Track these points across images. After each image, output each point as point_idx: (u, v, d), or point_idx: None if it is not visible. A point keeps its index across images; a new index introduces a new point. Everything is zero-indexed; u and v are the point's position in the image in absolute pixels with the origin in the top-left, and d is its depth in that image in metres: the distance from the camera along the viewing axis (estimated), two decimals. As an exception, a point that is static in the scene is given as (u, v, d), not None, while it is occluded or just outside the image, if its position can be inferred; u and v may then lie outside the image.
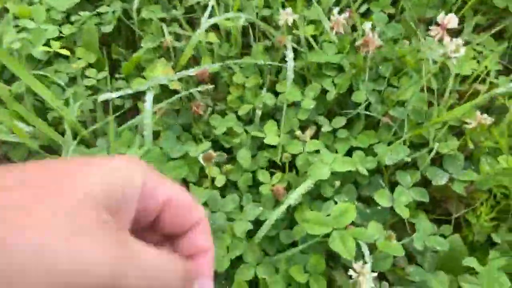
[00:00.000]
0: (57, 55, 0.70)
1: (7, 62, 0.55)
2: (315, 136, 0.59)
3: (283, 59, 0.60)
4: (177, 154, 0.56)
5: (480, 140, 0.52)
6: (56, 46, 0.68)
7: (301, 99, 0.58)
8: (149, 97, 0.56)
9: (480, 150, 0.55)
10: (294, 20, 0.58)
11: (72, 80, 0.69)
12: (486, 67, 0.64)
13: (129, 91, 0.56)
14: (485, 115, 0.50)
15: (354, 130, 0.59)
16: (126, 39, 0.77)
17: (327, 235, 0.45)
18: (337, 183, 0.51)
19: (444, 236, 0.48)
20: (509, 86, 0.56)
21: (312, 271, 0.46)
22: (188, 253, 0.27)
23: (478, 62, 0.62)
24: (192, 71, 0.56)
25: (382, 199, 0.49)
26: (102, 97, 0.56)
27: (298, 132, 0.57)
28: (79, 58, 0.70)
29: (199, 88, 0.57)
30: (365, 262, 0.42)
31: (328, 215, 0.47)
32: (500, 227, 0.51)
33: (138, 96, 0.66)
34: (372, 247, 0.47)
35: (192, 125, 0.62)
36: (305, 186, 0.50)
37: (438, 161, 0.55)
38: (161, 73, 0.60)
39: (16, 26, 0.71)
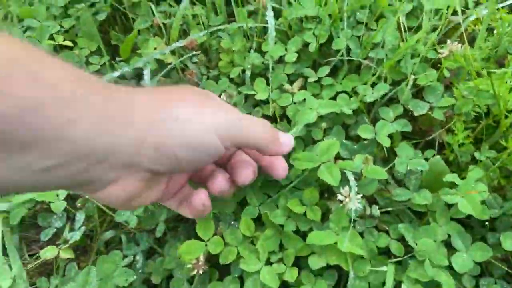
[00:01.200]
0: (62, 48, 0.76)
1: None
2: (304, 88, 0.63)
3: (267, 22, 0.64)
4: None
5: (455, 68, 0.55)
6: (60, 39, 0.74)
7: (284, 53, 0.62)
8: (146, 72, 0.62)
9: (458, 77, 0.58)
10: (271, -19, 0.62)
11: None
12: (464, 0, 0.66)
13: (127, 69, 0.62)
14: (456, 43, 0.53)
15: (339, 77, 0.62)
16: (122, 25, 0.83)
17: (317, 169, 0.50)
18: (324, 124, 0.55)
19: (427, 160, 0.52)
20: (481, 13, 0.58)
21: (307, 202, 0.51)
22: None
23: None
24: (181, 42, 0.61)
25: (365, 132, 0.54)
26: (106, 77, 0.62)
27: (286, 85, 0.62)
28: (81, 48, 0.76)
29: (190, 56, 0.62)
30: (350, 187, 0.47)
31: (317, 155, 0.52)
32: (483, 146, 0.55)
33: (141, 75, 0.72)
34: (361, 176, 0.51)
35: (191, 93, 0.67)
36: (296, 130, 0.55)
37: (421, 94, 0.59)
38: (154, 49, 0.65)
39: (22, 26, 0.78)
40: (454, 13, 0.59)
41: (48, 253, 0.55)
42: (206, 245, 0.50)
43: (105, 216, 0.63)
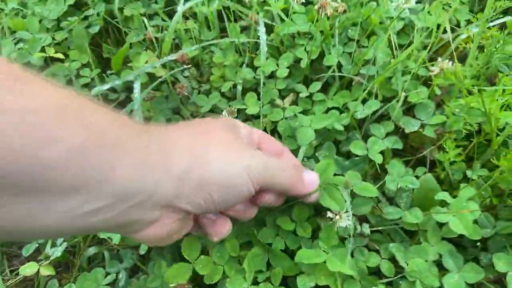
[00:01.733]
0: (53, 60, 0.76)
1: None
2: (295, 103, 0.63)
3: (259, 37, 0.64)
4: (168, 133, 0.61)
5: (446, 85, 0.55)
6: (51, 51, 0.74)
7: (276, 69, 0.62)
8: (136, 85, 0.61)
9: (449, 95, 0.58)
10: (263, -3, 0.62)
11: (69, 82, 0.75)
12: (456, 18, 0.67)
13: (117, 82, 0.61)
14: (446, 61, 0.53)
15: (330, 93, 0.62)
16: (115, 38, 0.82)
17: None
18: (314, 142, 0.55)
19: (418, 177, 0.52)
20: (472, 31, 0.59)
21: (297, 219, 0.50)
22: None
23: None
24: (172, 56, 0.61)
25: (357, 149, 0.53)
26: (94, 90, 0.61)
27: (277, 100, 0.61)
28: (73, 61, 0.76)
29: (181, 69, 0.62)
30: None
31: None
32: (474, 164, 0.54)
33: (131, 89, 0.71)
34: (353, 194, 0.50)
35: (181, 107, 0.67)
36: (302, 153, 0.54)
37: (412, 111, 0.59)
38: (145, 62, 0.65)
39: (14, 38, 0.78)
40: (445, 31, 0.60)
41: (28, 269, 0.53)
42: (193, 266, 0.48)
43: (90, 231, 0.61)
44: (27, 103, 0.25)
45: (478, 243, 0.50)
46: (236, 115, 0.59)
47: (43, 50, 0.75)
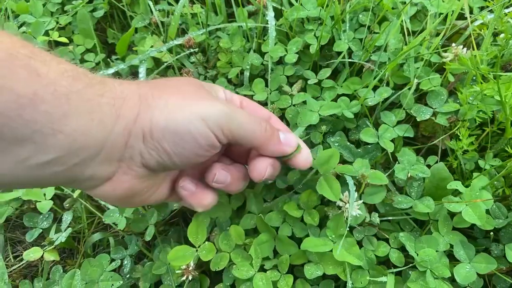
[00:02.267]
0: (57, 44, 0.75)
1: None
2: (303, 90, 0.61)
3: (267, 22, 0.63)
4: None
5: (459, 73, 0.54)
6: (55, 35, 0.73)
7: (284, 54, 0.60)
8: (142, 69, 0.60)
9: (462, 83, 0.56)
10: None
11: (74, 66, 0.73)
12: (469, 5, 0.65)
13: (122, 66, 0.60)
14: (460, 47, 0.51)
15: (340, 79, 0.61)
16: (120, 23, 0.81)
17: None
18: (324, 127, 0.54)
19: (430, 166, 0.50)
20: (486, 18, 0.57)
21: (305, 206, 0.49)
22: None
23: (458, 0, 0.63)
24: (178, 40, 0.59)
25: (367, 136, 0.52)
26: (100, 73, 0.60)
27: (285, 87, 0.60)
28: (78, 45, 0.74)
29: (187, 53, 0.60)
30: (349, 193, 0.45)
31: (314, 159, 0.50)
32: (487, 154, 0.53)
33: (136, 74, 0.70)
34: (361, 184, 0.49)
35: (187, 93, 0.65)
36: (297, 132, 0.53)
37: (424, 99, 0.57)
38: (151, 47, 0.63)
39: (17, 22, 0.76)
40: (459, 17, 0.58)
41: (31, 254, 0.53)
42: (197, 251, 0.47)
43: (94, 217, 0.61)
44: None
45: (490, 234, 0.49)
46: None
47: (46, 34, 0.73)
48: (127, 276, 0.53)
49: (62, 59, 0.30)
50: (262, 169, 0.41)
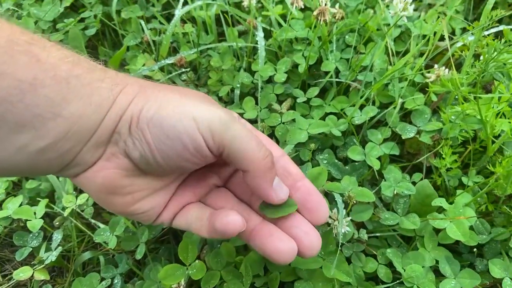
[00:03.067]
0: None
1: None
2: (292, 108, 0.63)
3: (257, 42, 0.65)
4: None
5: (442, 92, 0.56)
6: (46, 53, 0.73)
7: (274, 73, 0.62)
8: (134, 88, 0.61)
9: (445, 102, 0.59)
10: (262, 3, 0.63)
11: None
12: (450, 25, 0.68)
13: (115, 84, 0.61)
14: (443, 68, 0.53)
15: (328, 98, 0.62)
16: (111, 41, 0.82)
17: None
18: (313, 145, 0.55)
19: (415, 183, 0.52)
20: (468, 40, 0.59)
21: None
22: None
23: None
24: (170, 59, 0.61)
25: (355, 154, 0.53)
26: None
27: (275, 105, 0.62)
28: (69, 63, 0.75)
29: (179, 73, 0.62)
30: (338, 210, 0.46)
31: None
32: (470, 171, 0.54)
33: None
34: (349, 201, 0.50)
35: (178, 111, 0.66)
36: (286, 150, 0.54)
37: (408, 118, 0.59)
38: (142, 65, 0.64)
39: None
40: (441, 39, 0.60)
41: (22, 273, 0.52)
42: (187, 269, 0.47)
43: (84, 236, 0.61)
44: None
45: (474, 250, 0.50)
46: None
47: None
48: (118, 295, 0.53)
49: (62, 46, 0.31)
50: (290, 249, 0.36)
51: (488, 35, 0.58)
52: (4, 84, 0.26)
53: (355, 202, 0.47)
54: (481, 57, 0.55)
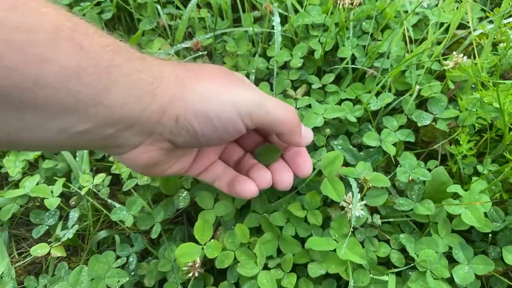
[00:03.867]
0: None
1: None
2: (307, 94, 0.63)
3: (273, 28, 0.65)
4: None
5: (459, 80, 0.55)
6: (63, 36, 0.74)
7: (289, 59, 0.62)
8: (150, 71, 0.61)
9: (462, 90, 0.58)
10: (278, -12, 0.63)
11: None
12: (466, 14, 0.67)
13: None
14: (461, 55, 0.53)
15: (343, 85, 0.62)
16: (127, 26, 0.82)
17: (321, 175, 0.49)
18: (328, 130, 0.55)
19: (430, 170, 0.52)
20: (486, 28, 0.59)
21: (308, 207, 0.50)
22: None
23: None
24: (186, 43, 0.61)
25: (370, 139, 0.53)
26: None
27: (290, 91, 0.62)
28: (85, 46, 0.76)
29: (194, 57, 0.62)
30: (352, 194, 0.46)
31: (318, 161, 0.52)
32: (485, 159, 0.54)
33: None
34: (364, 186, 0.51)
35: (193, 95, 0.67)
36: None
37: (425, 106, 0.59)
38: (158, 49, 0.65)
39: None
40: (459, 27, 0.60)
41: (39, 250, 0.54)
42: (203, 248, 0.48)
43: (99, 215, 0.61)
44: (21, 19, 0.26)
45: (488, 237, 0.50)
46: None
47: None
48: (132, 273, 0.54)
49: (103, 32, 0.32)
50: (289, 181, 0.44)
51: (508, 23, 0.57)
52: (49, 70, 0.27)
53: (370, 186, 0.48)
54: (501, 45, 0.54)
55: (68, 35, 0.28)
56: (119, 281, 0.50)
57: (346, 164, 0.54)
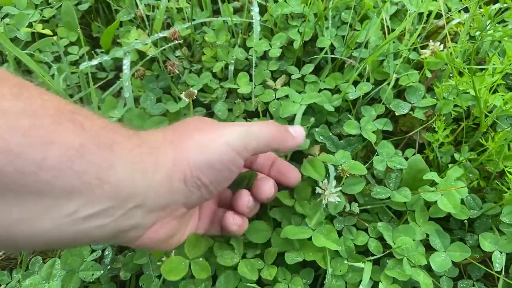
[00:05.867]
0: (41, 37, 0.74)
1: (2, 41, 0.58)
2: (287, 85, 0.62)
3: (252, 18, 0.64)
4: (158, 111, 0.60)
5: (436, 69, 0.55)
6: (39, 27, 0.72)
7: (268, 48, 0.61)
8: (126, 61, 0.60)
9: (439, 79, 0.58)
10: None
11: (57, 59, 0.73)
12: (446, 5, 0.67)
13: (106, 57, 0.60)
14: (438, 43, 0.53)
15: (322, 75, 0.62)
16: (105, 17, 0.81)
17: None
18: (312, 119, 0.54)
19: (407, 159, 0.52)
20: (463, 17, 0.59)
21: (297, 197, 0.49)
22: None
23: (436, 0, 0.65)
24: (163, 33, 0.60)
25: (350, 128, 0.53)
26: (83, 65, 0.60)
27: (269, 81, 0.61)
28: (61, 38, 0.74)
29: (172, 45, 0.61)
30: (328, 180, 0.46)
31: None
32: (462, 147, 0.54)
33: (121, 68, 0.70)
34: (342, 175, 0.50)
35: (171, 87, 0.66)
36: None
37: (403, 95, 0.59)
38: (135, 39, 0.64)
39: (0, 13, 0.75)
40: (437, 17, 0.60)
41: (10, 245, 0.52)
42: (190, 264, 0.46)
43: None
44: (25, 106, 0.26)
45: (465, 224, 0.51)
46: (195, 97, 0.55)
47: (30, 25, 0.73)
48: (108, 267, 0.53)
49: (98, 115, 0.33)
50: (270, 189, 0.45)
51: (483, 10, 0.57)
52: (54, 151, 0.27)
53: (347, 175, 0.47)
54: (477, 33, 0.55)
55: (69, 117, 0.29)
56: (93, 274, 0.49)
57: (327, 151, 0.54)
